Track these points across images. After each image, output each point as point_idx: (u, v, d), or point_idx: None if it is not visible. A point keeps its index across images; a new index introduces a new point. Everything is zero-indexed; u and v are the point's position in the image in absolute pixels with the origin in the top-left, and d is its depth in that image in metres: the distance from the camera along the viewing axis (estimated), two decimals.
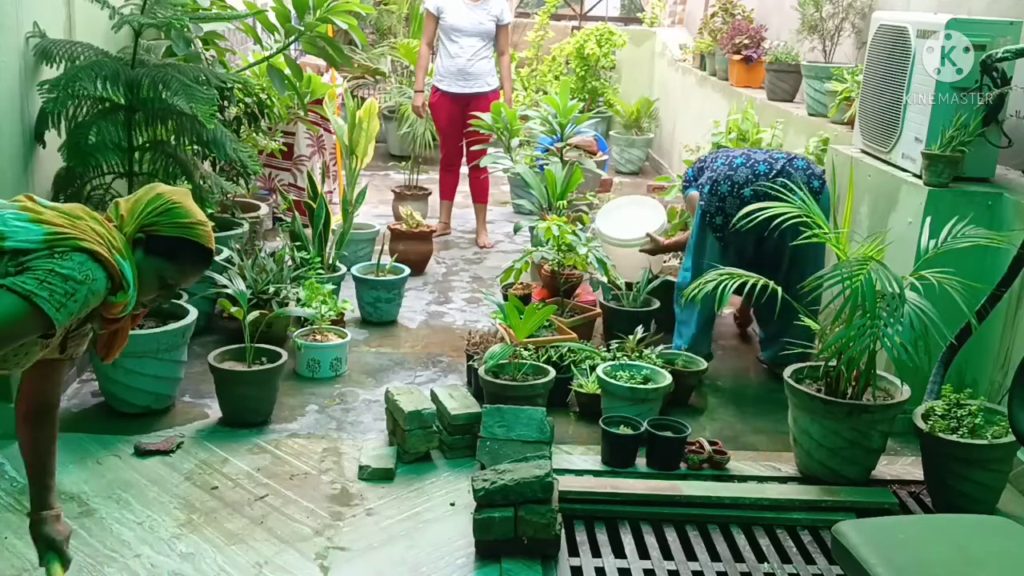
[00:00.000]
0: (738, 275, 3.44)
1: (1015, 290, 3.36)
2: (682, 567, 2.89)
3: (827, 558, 2.93)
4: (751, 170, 4.07)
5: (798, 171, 4.03)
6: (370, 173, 7.64)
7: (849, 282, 3.10)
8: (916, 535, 2.09)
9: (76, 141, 3.48)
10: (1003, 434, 3.05)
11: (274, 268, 4.35)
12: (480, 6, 6.06)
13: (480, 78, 6.11)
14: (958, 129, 3.55)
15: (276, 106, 5.08)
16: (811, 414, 3.24)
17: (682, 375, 3.89)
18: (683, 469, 3.30)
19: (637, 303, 4.50)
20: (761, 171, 4.05)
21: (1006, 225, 3.46)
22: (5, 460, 3.34)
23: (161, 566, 2.80)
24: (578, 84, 8.75)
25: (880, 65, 4.06)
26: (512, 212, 7.00)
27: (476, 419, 3.41)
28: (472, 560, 2.90)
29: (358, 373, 4.21)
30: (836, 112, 4.93)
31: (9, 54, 3.36)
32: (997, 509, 3.12)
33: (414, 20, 8.93)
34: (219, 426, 3.67)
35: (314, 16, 4.23)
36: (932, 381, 3.44)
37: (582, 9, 10.56)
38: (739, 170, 4.09)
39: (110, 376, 3.66)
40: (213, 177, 3.98)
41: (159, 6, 3.63)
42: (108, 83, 3.44)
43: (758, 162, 4.10)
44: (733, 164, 4.14)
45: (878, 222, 3.90)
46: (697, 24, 8.32)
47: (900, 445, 3.59)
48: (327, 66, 6.04)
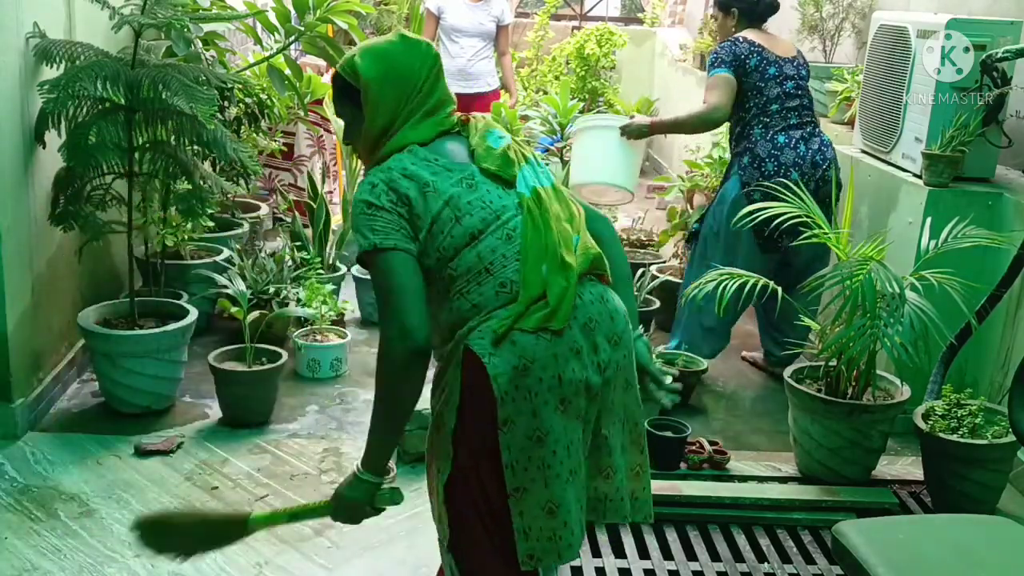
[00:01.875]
0: (738, 275, 3.43)
1: (1015, 290, 3.36)
2: (682, 567, 2.89)
3: (827, 558, 2.93)
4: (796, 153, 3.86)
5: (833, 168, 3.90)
6: None
7: (849, 282, 3.10)
8: (916, 535, 2.09)
9: (76, 141, 3.47)
10: (1003, 434, 3.05)
11: (274, 268, 4.35)
12: (480, 6, 6.05)
13: (480, 78, 6.11)
14: (958, 129, 3.55)
15: (276, 106, 5.07)
16: (811, 414, 3.24)
17: (682, 375, 3.88)
18: (683, 469, 3.30)
19: (637, 303, 4.49)
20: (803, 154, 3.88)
21: (1006, 225, 3.46)
22: (5, 460, 3.34)
23: (161, 566, 2.79)
24: (578, 84, 8.74)
25: (880, 65, 4.06)
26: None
27: None
28: None
29: (358, 373, 4.21)
30: (836, 112, 4.93)
31: (9, 54, 3.36)
32: (997, 509, 3.12)
33: (414, 20, 8.88)
34: (219, 426, 3.67)
35: (314, 16, 4.22)
36: (932, 381, 3.44)
37: (582, 9, 10.55)
38: (784, 151, 3.86)
39: (110, 376, 3.66)
40: (213, 177, 3.98)
41: (159, 6, 3.63)
42: (108, 83, 3.43)
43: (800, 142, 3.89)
44: (776, 141, 3.87)
45: (878, 222, 3.90)
46: (697, 24, 8.32)
47: (900, 445, 3.58)
48: (327, 66, 6.03)
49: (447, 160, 1.91)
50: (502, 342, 1.79)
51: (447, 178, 1.88)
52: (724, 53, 3.93)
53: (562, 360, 1.81)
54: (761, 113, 3.91)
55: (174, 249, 4.30)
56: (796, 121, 3.92)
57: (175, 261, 4.37)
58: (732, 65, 3.91)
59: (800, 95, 3.96)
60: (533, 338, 1.80)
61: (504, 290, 1.83)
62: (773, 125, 3.90)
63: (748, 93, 3.93)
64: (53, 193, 3.65)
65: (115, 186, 3.77)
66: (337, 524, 2.57)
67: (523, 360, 1.79)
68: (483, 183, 1.90)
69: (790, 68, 3.95)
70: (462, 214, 1.85)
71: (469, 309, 1.84)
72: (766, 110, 3.91)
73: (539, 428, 1.80)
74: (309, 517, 2.14)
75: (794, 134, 3.90)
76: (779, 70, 3.92)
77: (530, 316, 1.80)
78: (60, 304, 3.84)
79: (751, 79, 3.91)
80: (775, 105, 3.90)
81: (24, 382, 3.53)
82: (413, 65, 1.93)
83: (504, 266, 1.84)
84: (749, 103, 3.94)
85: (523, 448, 1.80)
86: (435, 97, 1.97)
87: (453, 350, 1.86)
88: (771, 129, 3.90)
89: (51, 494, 3.16)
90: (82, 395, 3.87)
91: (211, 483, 3.26)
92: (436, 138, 1.94)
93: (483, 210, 1.87)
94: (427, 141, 1.92)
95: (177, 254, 4.38)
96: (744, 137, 3.96)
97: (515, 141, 2.01)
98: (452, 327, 1.87)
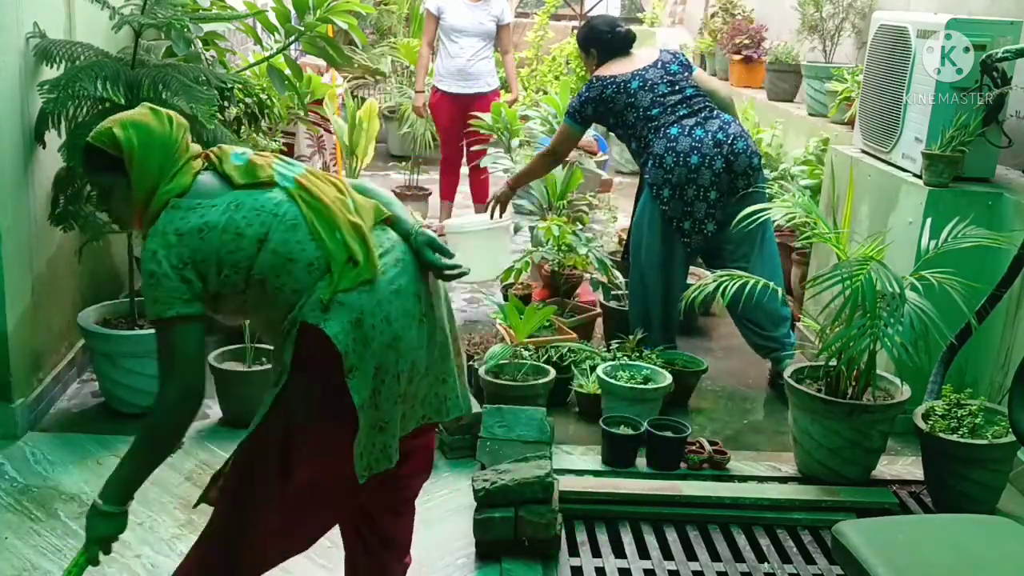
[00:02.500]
0: (737, 276, 3.43)
1: (1015, 290, 3.36)
2: (682, 567, 2.89)
3: (827, 558, 2.93)
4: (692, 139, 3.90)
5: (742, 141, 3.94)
6: (370, 173, 7.63)
7: (849, 282, 3.10)
8: (916, 535, 2.09)
9: (76, 141, 3.47)
10: (1003, 434, 3.05)
11: None
12: (480, 6, 6.06)
13: (480, 78, 6.11)
14: (958, 129, 3.56)
15: (276, 106, 5.07)
16: (811, 414, 3.24)
17: (682, 375, 3.88)
18: (683, 469, 3.30)
19: None
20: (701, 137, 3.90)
21: (1006, 225, 3.46)
22: (5, 460, 3.34)
23: (161, 566, 2.80)
24: (578, 84, 8.71)
25: (880, 65, 4.06)
26: (512, 212, 6.98)
27: (476, 419, 3.41)
28: (472, 560, 2.90)
29: None
30: (836, 112, 4.94)
31: (9, 54, 3.36)
32: (997, 509, 3.12)
33: (414, 20, 8.92)
34: (219, 426, 3.67)
35: (314, 16, 4.22)
36: (932, 381, 3.44)
37: (582, 9, 10.55)
38: (680, 140, 3.90)
39: (110, 376, 3.66)
40: None
41: (159, 6, 3.63)
42: (108, 83, 3.43)
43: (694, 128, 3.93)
44: (670, 135, 3.92)
45: (878, 222, 3.90)
46: (697, 24, 8.32)
47: (900, 445, 3.58)
48: (327, 66, 6.03)
49: (208, 199, 2.07)
50: (330, 308, 1.99)
51: (214, 212, 2.04)
52: (576, 102, 4.12)
53: (386, 303, 2.04)
54: (647, 121, 3.98)
55: None
56: (686, 111, 3.97)
57: None
58: (581, 116, 4.11)
59: (677, 90, 4.01)
60: (356, 295, 2.02)
61: (313, 268, 2.03)
62: (662, 124, 3.96)
63: (624, 113, 4.03)
64: (53, 193, 3.65)
65: None
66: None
67: (354, 314, 2.00)
68: (247, 197, 2.07)
69: (653, 72, 4.02)
70: (242, 229, 2.02)
71: (292, 294, 2.03)
72: (649, 117, 3.97)
73: (378, 366, 2.02)
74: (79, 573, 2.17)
75: (687, 123, 3.94)
76: (642, 81, 4.00)
77: (345, 278, 2.02)
78: (60, 304, 3.84)
79: (619, 103, 4.01)
80: (655, 109, 3.97)
81: (24, 382, 3.53)
82: (167, 131, 2.12)
83: (303, 249, 2.03)
84: (630, 119, 4.02)
85: (367, 386, 2.01)
86: (189, 154, 2.14)
87: (288, 332, 2.03)
88: (662, 127, 3.95)
89: (51, 494, 3.16)
90: (82, 395, 3.87)
91: None
92: (192, 183, 2.10)
93: (259, 216, 2.04)
94: (186, 189, 2.08)
95: None
96: (644, 148, 4.02)
97: (255, 152, 2.20)
98: (284, 317, 2.05)
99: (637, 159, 4.14)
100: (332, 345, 1.98)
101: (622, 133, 4.13)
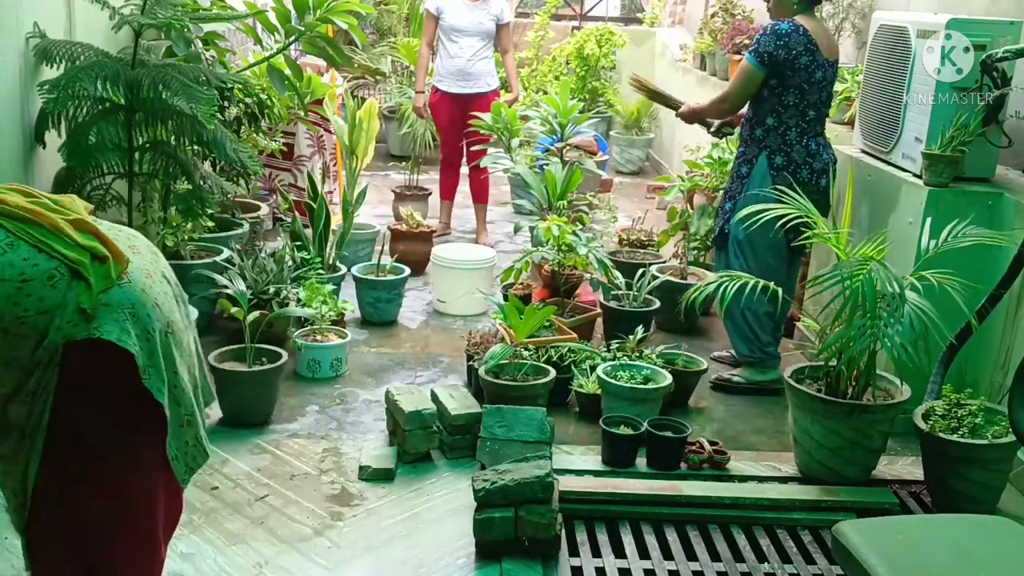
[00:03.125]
0: (737, 276, 3.44)
1: (1015, 290, 3.36)
2: (682, 567, 2.89)
3: (827, 558, 2.93)
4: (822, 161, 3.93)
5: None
6: (370, 173, 7.64)
7: (849, 282, 3.10)
8: (916, 535, 2.09)
9: (76, 141, 3.48)
10: (1003, 434, 3.05)
11: (274, 268, 4.35)
12: (480, 6, 6.06)
13: (480, 78, 6.11)
14: (958, 129, 3.56)
15: (276, 106, 5.08)
16: (811, 414, 3.24)
17: (682, 375, 3.89)
18: (683, 469, 3.30)
19: (637, 303, 4.50)
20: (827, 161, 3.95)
21: (1006, 225, 3.46)
22: None
23: None
24: (578, 84, 8.75)
25: (880, 65, 4.06)
26: (512, 212, 7.00)
27: (476, 419, 3.41)
28: (472, 560, 2.90)
29: (358, 373, 4.21)
30: (836, 112, 4.93)
31: (9, 54, 3.36)
32: (997, 509, 3.12)
33: (414, 20, 8.93)
34: (219, 426, 3.67)
35: (314, 16, 4.23)
36: (932, 381, 3.44)
37: (582, 9, 10.55)
38: (816, 157, 3.91)
39: None
40: (213, 177, 3.98)
41: (159, 6, 3.63)
42: (108, 83, 3.44)
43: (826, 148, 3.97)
44: (810, 148, 3.90)
45: (878, 222, 3.90)
46: (697, 24, 8.32)
47: (900, 445, 3.58)
48: (327, 66, 6.04)
49: None
50: (96, 314, 1.82)
51: None
52: (771, 45, 3.81)
53: (150, 292, 1.91)
54: (800, 116, 3.90)
55: (174, 249, 4.30)
56: (821, 128, 3.98)
57: (175, 261, 4.35)
58: (769, 64, 3.81)
59: (828, 102, 4.00)
60: (117, 290, 1.86)
61: (56, 279, 1.81)
62: (808, 131, 3.92)
63: (790, 90, 3.86)
64: (53, 193, 3.65)
65: (115, 186, 3.77)
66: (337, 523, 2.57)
67: (126, 311, 1.85)
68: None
69: (831, 73, 3.95)
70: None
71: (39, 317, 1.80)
72: (804, 115, 3.90)
73: (165, 356, 1.90)
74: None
75: (821, 141, 3.96)
76: (824, 75, 3.89)
77: (98, 280, 1.84)
78: None
79: (797, 78, 3.84)
80: (812, 112, 3.91)
81: None
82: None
83: (35, 265, 1.80)
84: (788, 100, 3.87)
85: (164, 381, 1.89)
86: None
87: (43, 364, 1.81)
88: (806, 135, 3.91)
89: None
90: None
91: (211, 483, 3.26)
92: None
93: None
94: None
95: (177, 254, 4.38)
96: (779, 134, 3.91)
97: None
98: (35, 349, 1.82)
99: (754, 128, 3.97)
100: (110, 355, 1.81)
101: (765, 97, 3.88)
